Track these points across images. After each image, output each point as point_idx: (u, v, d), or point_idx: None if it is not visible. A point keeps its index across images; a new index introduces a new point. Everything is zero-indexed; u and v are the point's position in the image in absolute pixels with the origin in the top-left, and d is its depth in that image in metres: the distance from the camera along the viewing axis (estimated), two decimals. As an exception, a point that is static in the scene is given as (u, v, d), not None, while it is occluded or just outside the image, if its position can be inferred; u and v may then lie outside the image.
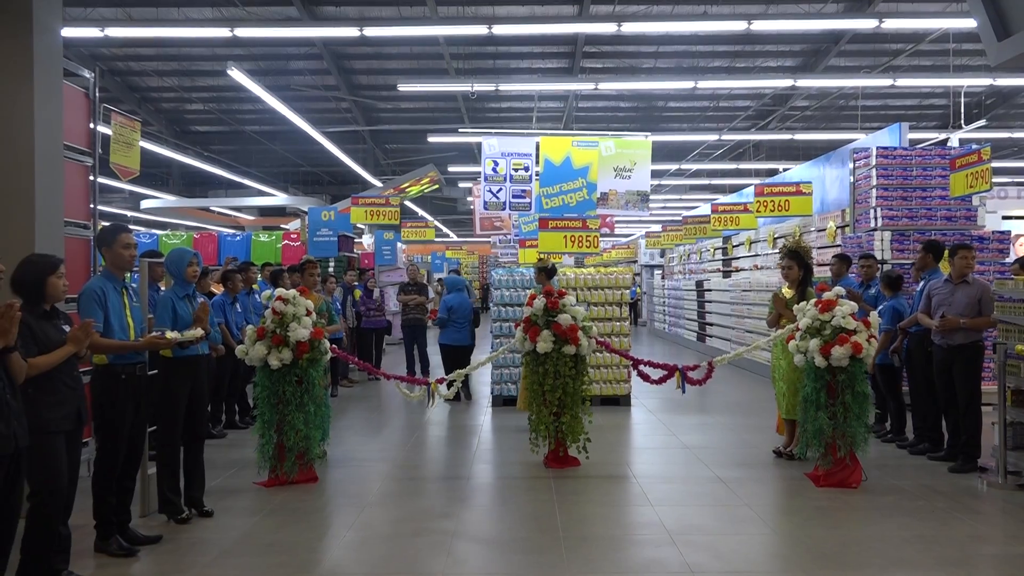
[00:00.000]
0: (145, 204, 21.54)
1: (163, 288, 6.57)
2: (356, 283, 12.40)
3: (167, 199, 22.35)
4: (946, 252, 7.20)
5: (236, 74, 10.91)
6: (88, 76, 6.47)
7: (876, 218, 9.78)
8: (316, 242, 13.03)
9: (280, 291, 6.14)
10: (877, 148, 10.10)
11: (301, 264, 8.05)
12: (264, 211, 25.01)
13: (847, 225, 10.70)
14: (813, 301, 6.18)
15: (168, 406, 4.99)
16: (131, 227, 5.03)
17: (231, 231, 20.26)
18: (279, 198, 23.01)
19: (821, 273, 9.63)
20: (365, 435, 8.26)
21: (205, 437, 5.41)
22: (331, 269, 12.59)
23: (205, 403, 5.35)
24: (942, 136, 16.96)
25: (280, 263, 12.62)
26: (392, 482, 6.25)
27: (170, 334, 4.63)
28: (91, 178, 6.42)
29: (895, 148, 10.21)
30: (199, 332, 4.88)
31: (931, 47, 14.67)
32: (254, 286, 8.96)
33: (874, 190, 9.87)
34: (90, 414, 4.41)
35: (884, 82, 14.86)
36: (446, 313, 9.89)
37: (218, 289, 8.63)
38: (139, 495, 5.05)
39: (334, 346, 6.61)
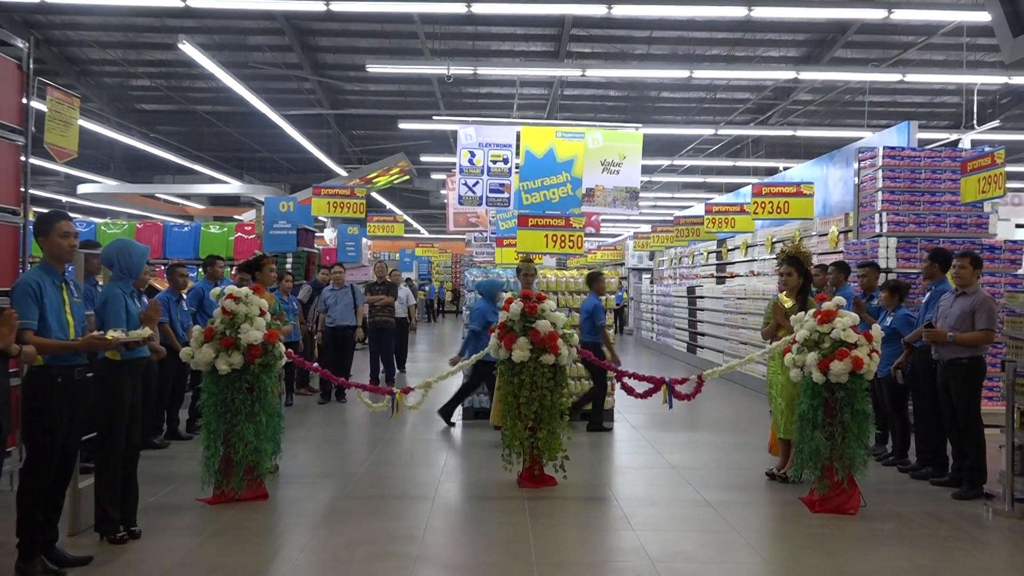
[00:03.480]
0: (82, 189, 21.25)
1: (101, 282, 6.49)
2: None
3: (107, 184, 22.06)
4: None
5: (188, 48, 10.80)
6: (22, 46, 6.38)
7: (881, 223, 9.91)
8: (272, 235, 12.91)
9: (231, 289, 6.09)
10: (884, 148, 10.22)
11: (257, 260, 7.96)
12: (215, 200, 24.80)
13: (850, 230, 10.82)
14: (812, 312, 6.24)
15: (112, 412, 4.92)
16: (69, 215, 4.95)
17: (178, 221, 20.03)
18: (232, 186, 22.83)
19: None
20: (322, 449, 8.21)
21: (140, 447, 5.35)
22: (288, 266, 12.50)
23: (141, 409, 5.28)
24: (953, 137, 17.25)
25: (232, 257, 12.52)
26: (350, 501, 6.22)
27: (111, 334, 4.54)
28: (22, 159, 6.33)
29: (903, 148, 10.34)
30: (147, 332, 4.81)
31: (943, 41, 14.89)
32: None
33: (880, 193, 10.00)
34: (14, 421, 4.33)
35: (893, 77, 15.11)
36: None
37: (162, 285, 8.55)
38: (67, 511, 4.98)
39: (290, 350, 6.57)
